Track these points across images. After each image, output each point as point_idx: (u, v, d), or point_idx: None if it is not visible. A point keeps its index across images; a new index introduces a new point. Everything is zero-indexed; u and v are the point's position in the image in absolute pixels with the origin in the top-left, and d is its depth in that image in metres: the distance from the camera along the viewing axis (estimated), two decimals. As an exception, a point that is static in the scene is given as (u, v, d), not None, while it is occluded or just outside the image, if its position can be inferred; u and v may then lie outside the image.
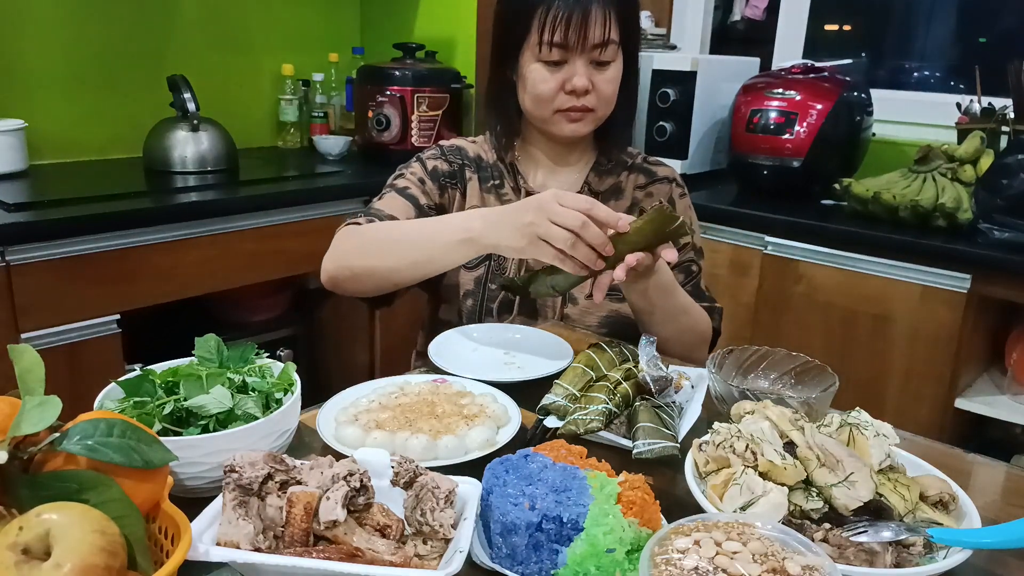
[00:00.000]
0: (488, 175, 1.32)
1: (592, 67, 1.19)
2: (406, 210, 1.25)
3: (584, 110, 1.21)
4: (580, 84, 1.18)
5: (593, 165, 1.32)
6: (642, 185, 1.34)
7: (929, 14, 2.54)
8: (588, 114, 1.22)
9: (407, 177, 1.29)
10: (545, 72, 1.19)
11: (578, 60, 1.17)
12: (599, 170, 1.32)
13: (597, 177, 1.32)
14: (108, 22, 2.24)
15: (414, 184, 1.28)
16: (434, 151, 1.33)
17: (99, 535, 0.48)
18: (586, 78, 1.18)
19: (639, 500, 0.66)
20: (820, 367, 0.97)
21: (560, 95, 1.20)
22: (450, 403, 0.91)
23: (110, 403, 0.76)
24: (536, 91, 1.20)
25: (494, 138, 1.32)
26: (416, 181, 1.29)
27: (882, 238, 1.80)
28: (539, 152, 1.32)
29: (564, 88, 1.19)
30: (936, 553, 0.68)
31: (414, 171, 1.30)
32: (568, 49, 1.17)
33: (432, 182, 1.29)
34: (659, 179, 1.34)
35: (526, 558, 0.64)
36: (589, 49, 1.17)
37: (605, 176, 1.33)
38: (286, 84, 2.61)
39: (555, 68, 1.18)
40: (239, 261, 1.94)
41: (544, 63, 1.18)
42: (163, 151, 2.12)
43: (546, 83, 1.19)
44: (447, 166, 1.31)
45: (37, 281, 1.59)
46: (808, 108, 2.04)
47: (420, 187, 1.28)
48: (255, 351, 0.85)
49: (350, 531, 0.61)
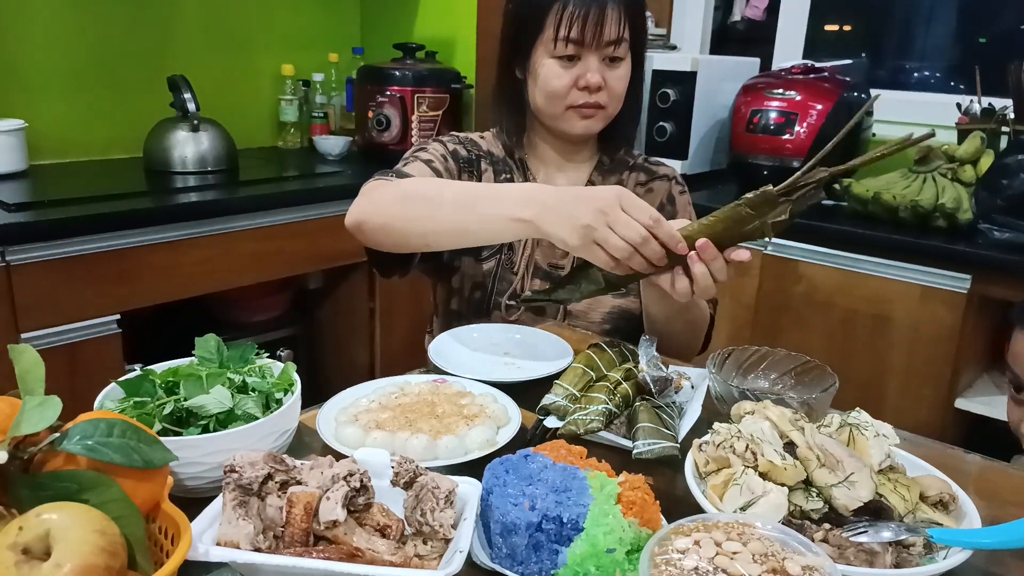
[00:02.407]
0: (500, 169, 1.32)
1: (604, 64, 1.20)
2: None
3: (596, 107, 1.22)
4: (594, 80, 1.18)
5: (596, 164, 1.33)
6: (643, 182, 1.35)
7: (929, 14, 2.54)
8: (600, 111, 1.23)
9: (430, 152, 1.27)
10: (559, 68, 1.19)
11: (592, 57, 1.18)
12: (602, 169, 1.33)
13: (600, 176, 1.33)
14: (108, 22, 2.24)
15: (437, 159, 1.26)
16: (450, 138, 1.33)
17: (99, 535, 0.48)
18: (600, 75, 1.19)
19: (639, 500, 0.66)
20: (820, 367, 0.97)
21: (573, 91, 1.20)
22: (450, 403, 0.91)
23: (110, 403, 0.76)
24: (549, 87, 1.21)
25: (503, 134, 1.32)
26: (439, 156, 1.27)
27: (882, 238, 1.80)
28: (546, 149, 1.32)
29: (577, 84, 1.20)
30: (936, 553, 0.68)
31: (436, 148, 1.29)
32: (583, 45, 1.18)
33: (453, 162, 1.28)
34: (659, 176, 1.36)
35: (526, 558, 0.64)
36: (603, 46, 1.18)
37: (608, 175, 1.33)
38: (286, 84, 2.61)
39: (569, 64, 1.19)
40: (239, 261, 1.94)
41: (558, 59, 1.19)
42: (163, 151, 2.12)
43: (560, 79, 1.19)
44: (466, 152, 1.31)
45: (37, 281, 1.59)
46: (808, 108, 2.04)
47: (443, 163, 1.26)
48: (255, 351, 0.85)
49: (350, 531, 0.61)
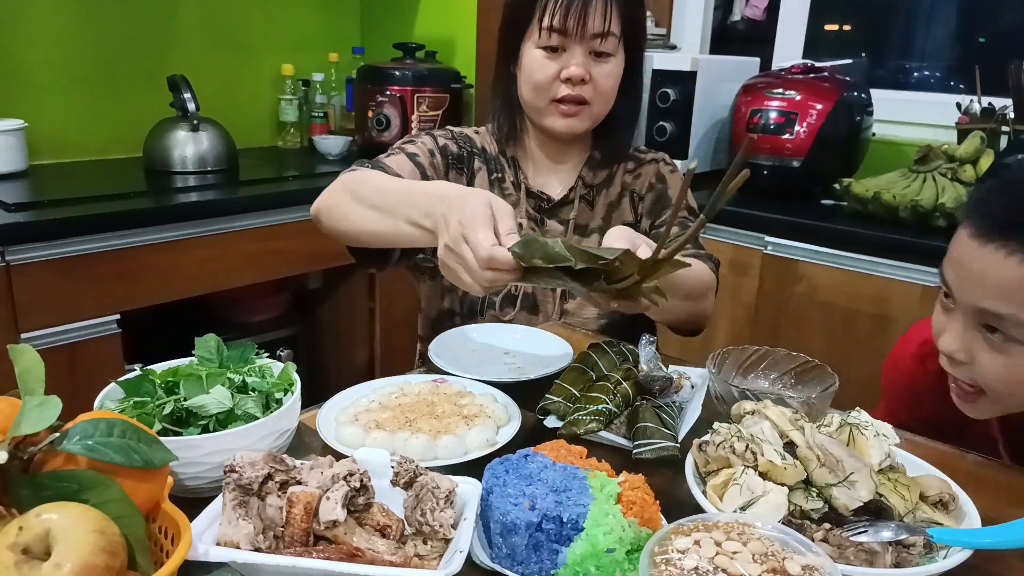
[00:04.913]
0: (493, 168, 1.31)
1: (591, 58, 1.18)
2: (413, 175, 1.20)
3: (579, 102, 1.19)
4: (576, 72, 1.16)
5: (587, 160, 1.31)
6: (631, 170, 1.33)
7: (929, 14, 2.54)
8: (583, 109, 1.20)
9: (417, 145, 1.26)
10: (543, 59, 1.18)
11: (576, 48, 1.17)
12: (592, 164, 1.31)
13: (591, 172, 1.31)
14: (108, 22, 2.24)
15: (423, 154, 1.25)
16: (444, 132, 1.31)
17: (99, 535, 0.48)
18: (583, 67, 1.17)
19: (639, 500, 0.66)
20: (820, 367, 0.97)
21: (556, 83, 1.18)
22: (450, 403, 0.91)
23: (110, 403, 0.77)
24: (533, 78, 1.19)
25: (497, 131, 1.31)
26: (426, 151, 1.25)
27: (882, 238, 1.80)
28: (535, 149, 1.31)
29: (561, 76, 1.18)
30: (936, 553, 0.68)
31: (425, 142, 1.27)
32: (567, 36, 1.16)
33: (441, 158, 1.27)
34: (647, 161, 1.33)
35: (526, 558, 0.64)
36: (588, 38, 1.16)
37: (599, 169, 1.32)
38: (286, 84, 2.61)
39: (553, 55, 1.18)
40: (239, 261, 1.94)
41: (543, 49, 1.18)
42: (163, 151, 2.12)
43: (543, 70, 1.18)
44: (457, 148, 1.29)
45: (37, 281, 1.59)
46: (808, 108, 2.04)
47: (429, 158, 1.25)
48: (255, 351, 0.85)
49: (350, 531, 0.61)
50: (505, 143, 1.31)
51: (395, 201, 1.01)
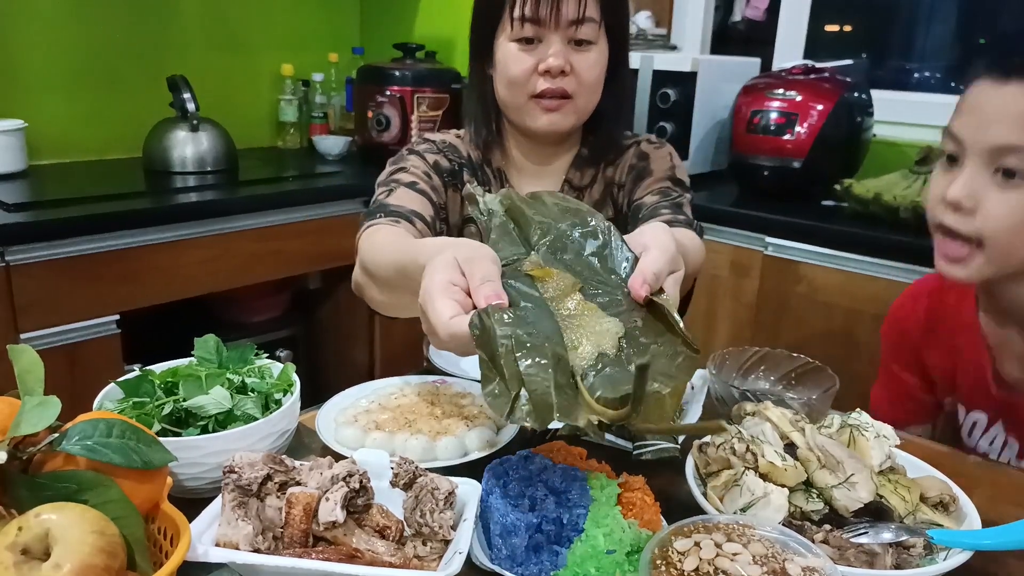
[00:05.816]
0: (480, 179, 1.24)
1: (571, 48, 1.09)
2: (424, 206, 1.13)
3: (562, 96, 1.10)
4: (555, 63, 1.07)
5: (573, 160, 1.23)
6: (611, 161, 1.25)
7: (929, 14, 2.54)
8: (566, 103, 1.11)
9: (410, 171, 1.17)
10: (518, 52, 1.09)
11: (553, 37, 1.08)
12: (579, 163, 1.23)
13: (578, 172, 1.23)
14: (108, 22, 2.24)
15: (421, 179, 1.16)
16: (427, 146, 1.22)
17: (98, 535, 0.48)
18: (562, 57, 1.07)
19: (639, 501, 0.66)
20: (820, 368, 0.97)
21: (534, 77, 1.09)
22: (450, 404, 0.91)
23: (109, 403, 0.76)
24: (509, 73, 1.10)
25: (475, 136, 1.22)
26: (422, 175, 1.17)
27: (883, 239, 1.80)
28: (519, 155, 1.23)
29: (539, 69, 1.09)
30: (936, 554, 0.68)
31: (417, 165, 1.18)
32: (541, 25, 1.07)
33: (438, 178, 1.19)
34: (628, 147, 1.24)
35: (526, 559, 0.64)
36: (565, 25, 1.07)
37: (586, 168, 1.24)
38: (286, 84, 2.61)
39: (529, 47, 1.09)
40: (239, 261, 1.94)
41: (517, 42, 1.09)
42: (163, 151, 2.12)
43: (519, 63, 1.09)
44: (448, 163, 1.21)
45: (37, 281, 1.59)
46: (809, 109, 2.04)
47: (428, 182, 1.17)
48: (254, 351, 0.85)
49: (349, 532, 0.61)
50: (485, 150, 1.23)
51: (399, 283, 0.89)
